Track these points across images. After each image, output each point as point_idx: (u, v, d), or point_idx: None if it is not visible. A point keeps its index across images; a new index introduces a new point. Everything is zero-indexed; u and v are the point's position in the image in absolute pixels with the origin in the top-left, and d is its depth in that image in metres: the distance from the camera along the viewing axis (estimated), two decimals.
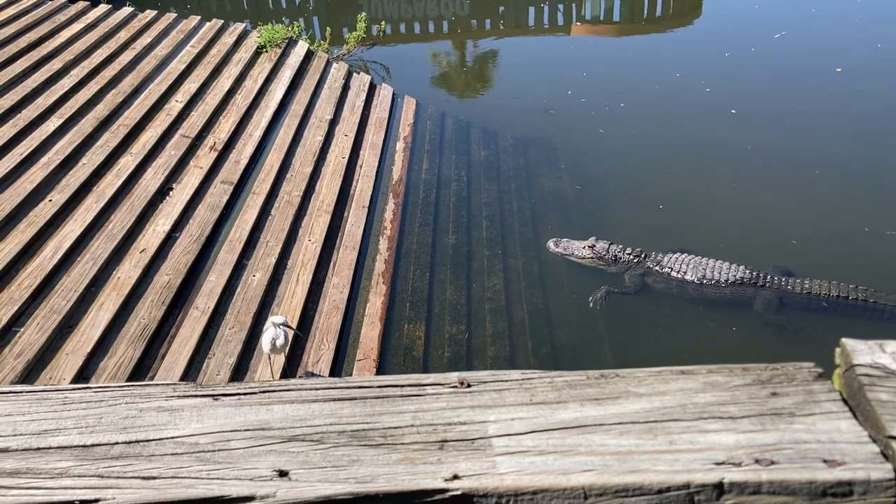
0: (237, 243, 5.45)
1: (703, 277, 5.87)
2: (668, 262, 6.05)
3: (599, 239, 6.26)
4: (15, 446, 0.98)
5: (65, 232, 5.24)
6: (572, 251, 6.21)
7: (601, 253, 6.17)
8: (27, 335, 4.37)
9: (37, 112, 6.52)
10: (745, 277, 5.80)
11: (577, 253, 6.20)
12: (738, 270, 5.85)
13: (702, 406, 1.00)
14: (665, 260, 6.07)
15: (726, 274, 5.84)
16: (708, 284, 5.84)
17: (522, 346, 5.17)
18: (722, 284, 5.81)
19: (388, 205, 6.54)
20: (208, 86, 7.60)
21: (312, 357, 4.70)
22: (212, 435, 0.99)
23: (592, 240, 6.25)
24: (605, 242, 6.24)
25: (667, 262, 6.05)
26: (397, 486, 0.90)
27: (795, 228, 6.44)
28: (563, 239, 6.31)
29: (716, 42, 10.88)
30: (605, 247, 6.20)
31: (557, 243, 6.27)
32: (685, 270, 5.95)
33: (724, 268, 5.88)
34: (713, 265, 5.91)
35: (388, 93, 8.45)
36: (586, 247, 6.20)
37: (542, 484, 0.89)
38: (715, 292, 5.82)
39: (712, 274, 5.86)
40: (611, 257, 6.16)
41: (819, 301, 5.63)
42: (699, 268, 5.91)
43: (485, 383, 1.07)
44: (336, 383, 1.09)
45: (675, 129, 8.18)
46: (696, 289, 5.87)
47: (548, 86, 9.37)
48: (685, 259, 6.01)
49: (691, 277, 5.90)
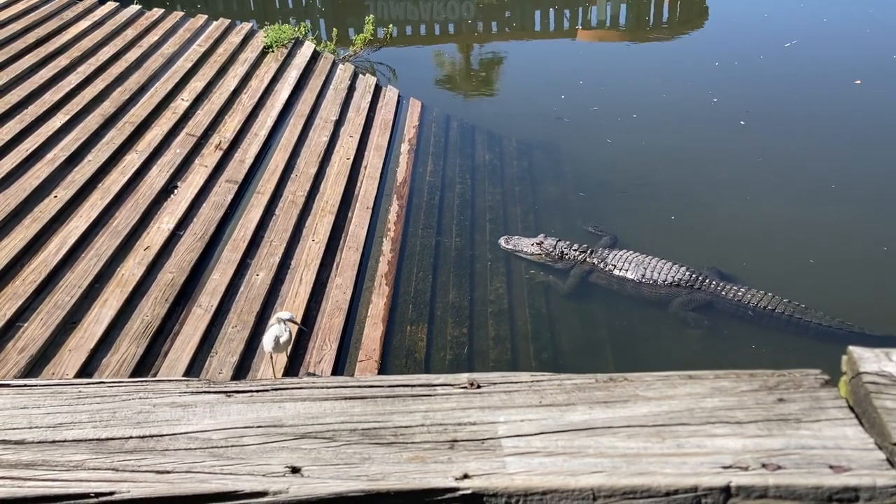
0: (241, 242, 5.47)
1: (643, 277, 5.96)
2: (611, 260, 6.14)
3: (548, 236, 6.37)
4: (31, 438, 0.99)
5: (69, 228, 5.26)
6: (521, 248, 6.29)
7: (548, 249, 6.26)
8: (31, 330, 4.38)
9: (43, 108, 6.55)
10: (683, 279, 5.89)
11: (525, 249, 6.28)
12: (677, 272, 5.92)
13: (709, 410, 1.01)
14: (609, 257, 6.16)
15: (665, 274, 5.92)
16: (646, 283, 5.93)
17: (524, 350, 5.18)
18: (658, 284, 5.90)
19: (392, 206, 6.55)
20: (214, 85, 7.62)
21: (315, 357, 4.71)
22: (225, 431, 1.00)
23: (541, 237, 6.35)
24: (553, 239, 6.34)
25: (610, 260, 6.14)
26: (408, 484, 0.91)
27: (812, 246, 6.34)
28: (513, 236, 6.41)
29: (723, 50, 10.83)
30: (553, 243, 6.29)
31: (508, 240, 6.36)
32: (627, 268, 6.04)
33: (664, 268, 5.96)
34: (654, 265, 5.99)
35: (393, 95, 8.47)
36: (534, 244, 6.29)
37: (551, 484, 0.90)
38: (651, 291, 5.91)
39: (651, 274, 5.95)
40: (557, 254, 6.25)
41: (746, 309, 5.68)
42: (640, 267, 6.01)
43: (494, 384, 1.08)
44: (347, 382, 1.10)
45: (682, 139, 8.13)
46: (634, 287, 5.97)
47: (552, 90, 9.38)
48: (629, 257, 6.10)
49: (632, 276, 6.00)
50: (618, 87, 9.55)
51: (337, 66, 8.75)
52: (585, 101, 9.09)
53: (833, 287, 5.87)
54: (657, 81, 9.62)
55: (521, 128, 8.19)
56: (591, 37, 12.23)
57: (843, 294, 5.77)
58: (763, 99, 9.00)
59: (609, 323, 5.65)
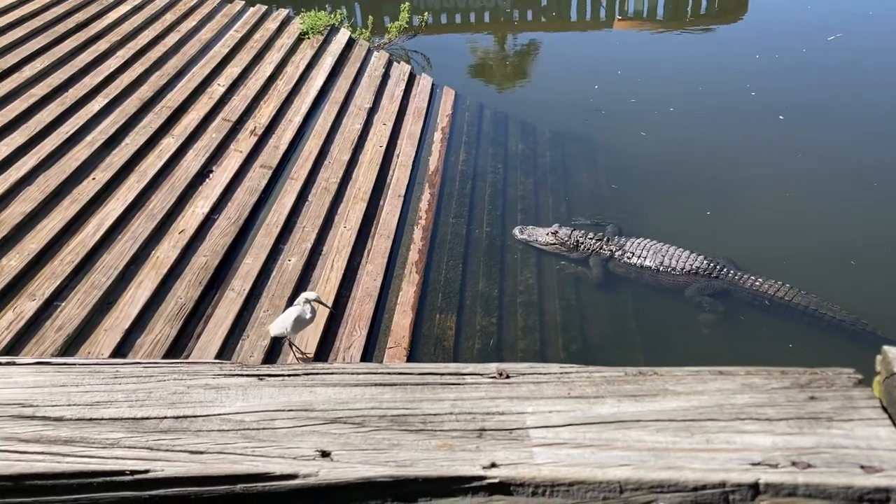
0: (274, 227, 5.52)
1: (661, 265, 5.96)
2: (629, 248, 6.13)
3: (563, 225, 6.35)
4: (69, 416, 1.02)
5: (107, 210, 5.35)
6: (536, 238, 6.27)
7: (563, 239, 6.23)
8: (68, 310, 4.47)
9: (83, 91, 6.65)
10: (701, 268, 5.90)
11: (540, 239, 6.25)
12: (695, 260, 5.93)
13: (739, 407, 1.00)
14: (627, 245, 6.15)
15: (683, 262, 5.93)
16: (664, 272, 5.93)
17: (553, 342, 5.17)
18: (677, 272, 5.91)
19: (424, 195, 6.56)
20: (250, 71, 7.68)
21: (344, 343, 4.75)
22: (257, 413, 1.02)
23: (556, 226, 6.33)
24: (568, 228, 6.32)
25: (628, 248, 6.13)
26: (436, 471, 0.92)
27: (852, 246, 6.21)
28: (527, 226, 6.38)
29: (763, 42, 10.61)
30: (568, 233, 6.27)
31: (522, 231, 6.34)
32: (645, 256, 6.04)
33: (682, 256, 5.96)
34: (672, 253, 6.00)
35: (427, 83, 8.46)
36: (549, 233, 6.26)
37: (578, 476, 0.91)
38: (669, 280, 5.92)
39: (670, 261, 5.95)
40: (572, 243, 6.22)
41: (763, 299, 5.69)
42: (658, 254, 6.01)
43: (523, 375, 1.09)
44: (377, 368, 1.12)
45: (719, 133, 7.99)
46: (652, 276, 5.97)
47: (587, 81, 9.30)
48: (646, 245, 6.10)
49: (650, 264, 6.00)
50: (654, 78, 9.44)
51: (372, 53, 8.77)
52: (621, 91, 9.00)
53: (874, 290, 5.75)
54: (694, 73, 9.50)
55: (554, 118, 8.14)
56: (628, 27, 12.09)
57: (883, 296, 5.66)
58: (804, 93, 8.82)
59: (638, 316, 5.62)
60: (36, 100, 6.35)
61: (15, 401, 1.04)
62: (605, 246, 6.18)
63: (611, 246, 6.17)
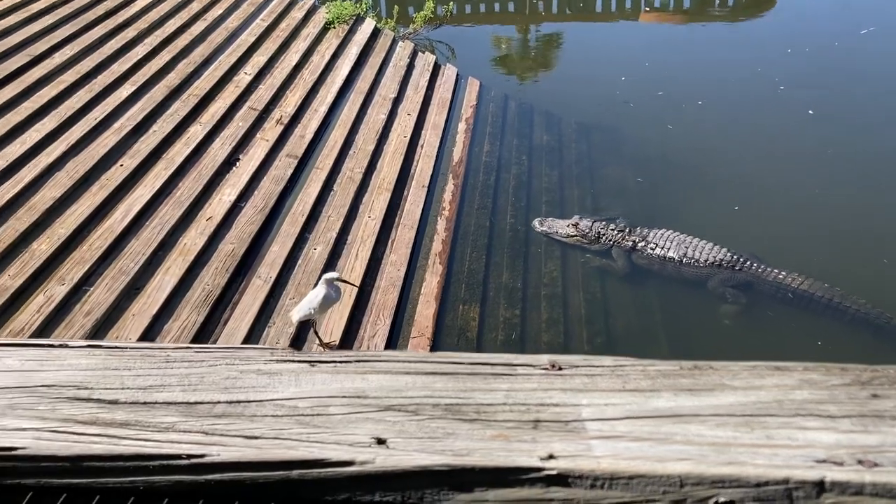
0: (300, 216, 5.53)
1: (685, 256, 5.94)
2: (652, 239, 6.10)
3: (583, 217, 6.31)
4: (124, 399, 1.02)
5: (135, 196, 5.38)
6: (556, 229, 6.22)
7: (584, 231, 6.19)
8: (96, 295, 4.51)
9: (111, 78, 6.69)
10: (725, 260, 5.88)
11: (560, 231, 6.21)
12: (719, 252, 5.91)
13: (798, 403, 0.99)
14: (650, 236, 6.13)
15: (707, 254, 5.91)
16: (687, 263, 5.91)
17: (577, 335, 5.15)
18: (701, 264, 5.88)
19: (448, 185, 6.55)
20: (276, 59, 7.69)
21: (369, 332, 4.76)
22: (310, 399, 1.02)
23: (576, 218, 6.29)
24: (589, 220, 6.28)
25: (651, 239, 6.11)
26: (493, 461, 0.91)
27: (884, 244, 6.10)
28: (547, 218, 6.34)
29: (793, 35, 10.45)
30: (589, 224, 6.23)
31: (542, 222, 6.29)
32: (668, 247, 6.01)
33: (706, 248, 5.94)
34: (696, 244, 5.97)
35: (452, 73, 8.44)
36: (570, 225, 6.22)
37: (638, 470, 0.90)
38: (693, 272, 5.90)
39: (693, 253, 5.93)
40: (594, 235, 6.18)
41: (786, 291, 5.67)
42: (682, 246, 5.98)
43: (576, 367, 1.08)
44: (429, 357, 1.11)
45: (747, 127, 7.89)
46: (675, 267, 5.95)
47: (613, 72, 9.23)
48: (670, 236, 6.07)
49: (673, 255, 5.97)
50: (682, 71, 9.35)
51: (397, 43, 8.75)
52: (648, 84, 8.91)
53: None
54: (722, 66, 9.38)
55: (580, 110, 8.08)
56: (654, 19, 11.98)
57: None
58: (835, 87, 8.68)
59: (664, 310, 5.58)
60: (65, 86, 6.40)
61: (70, 383, 1.04)
62: (628, 237, 6.16)
63: (633, 237, 6.15)
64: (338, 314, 4.68)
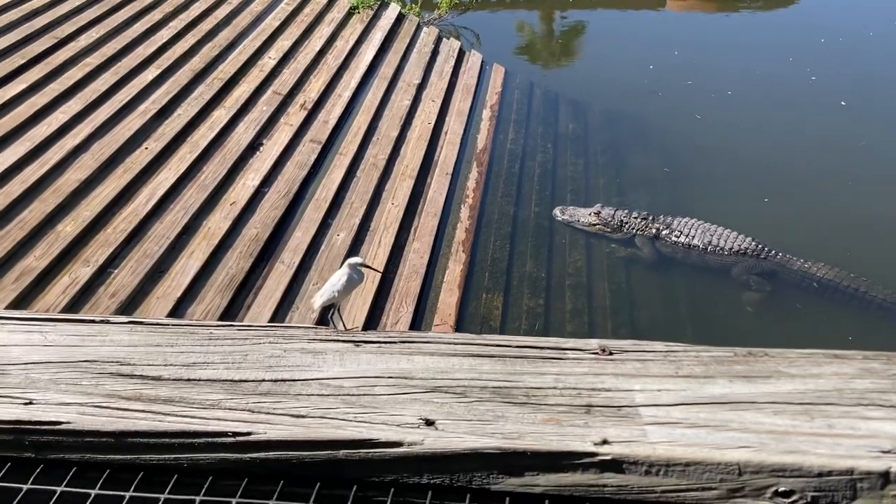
0: (323, 202, 5.52)
1: (709, 244, 5.93)
2: (676, 227, 6.08)
3: (605, 205, 6.26)
4: (167, 375, 1.01)
5: (159, 180, 5.39)
6: (578, 218, 6.19)
7: (607, 219, 6.15)
8: (121, 277, 4.53)
9: (136, 61, 6.70)
10: (749, 248, 5.88)
11: (582, 220, 6.17)
12: (743, 241, 5.91)
13: (860, 392, 0.96)
14: (674, 224, 6.11)
15: (731, 242, 5.91)
16: (712, 251, 5.90)
17: (602, 325, 5.11)
18: (725, 252, 5.88)
19: (472, 173, 6.51)
20: (300, 44, 7.68)
21: (391, 318, 4.74)
22: (356, 379, 1.00)
23: (598, 206, 6.25)
24: (611, 208, 6.24)
25: (675, 227, 6.09)
26: (545, 445, 0.89)
27: None
28: (568, 207, 6.30)
29: (826, 24, 10.24)
30: (611, 213, 6.19)
31: (564, 211, 6.25)
32: (693, 235, 6.00)
33: (730, 236, 5.94)
34: (721, 232, 5.97)
35: (476, 60, 8.39)
36: (592, 213, 6.18)
37: (695, 456, 0.87)
38: (717, 260, 5.90)
39: (718, 241, 5.92)
40: (616, 223, 6.14)
41: (811, 281, 5.65)
42: (707, 234, 5.98)
43: (627, 352, 1.05)
44: (474, 339, 1.09)
45: (777, 118, 7.77)
46: (699, 255, 5.94)
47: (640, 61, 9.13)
48: (694, 224, 6.06)
49: (698, 242, 5.96)
50: (712, 60, 9.22)
51: (421, 29, 8.71)
52: (677, 73, 8.80)
53: None
54: (753, 56, 9.24)
55: (606, 98, 8.00)
56: (682, 7, 11.83)
57: None
58: (869, 78, 8.51)
59: (690, 301, 5.53)
60: (91, 69, 6.42)
61: (113, 358, 1.03)
62: (651, 225, 6.11)
63: (656, 224, 6.11)
64: (361, 300, 4.66)
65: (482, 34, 10.32)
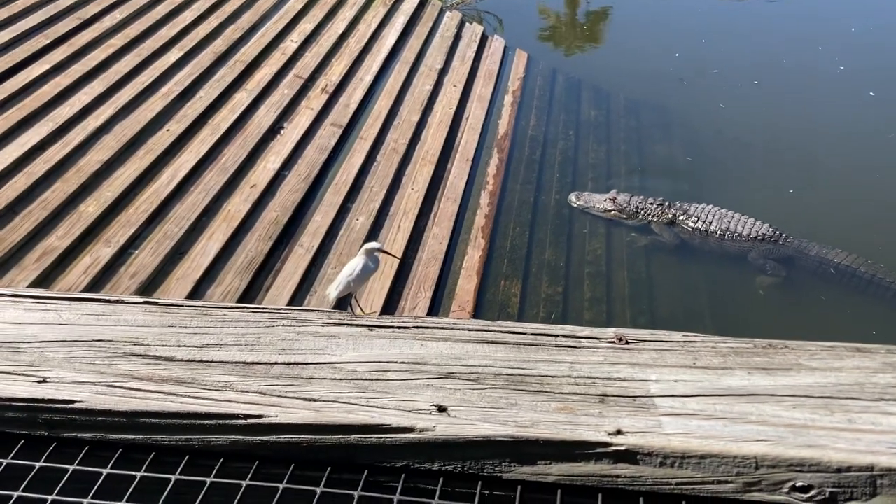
0: (343, 186, 5.52)
1: (727, 230, 5.91)
2: (694, 212, 6.06)
3: (620, 192, 6.21)
4: (180, 356, 1.01)
5: (180, 161, 5.41)
6: (594, 204, 6.14)
7: (623, 205, 6.12)
8: (141, 257, 4.56)
9: (159, 43, 6.72)
10: (767, 234, 5.85)
11: (598, 206, 6.13)
12: (761, 227, 5.89)
13: (882, 387, 0.94)
14: (692, 209, 6.08)
15: (749, 228, 5.89)
16: (730, 238, 5.89)
17: (620, 314, 5.08)
18: (743, 238, 5.87)
19: (493, 159, 6.48)
20: (323, 27, 7.66)
21: (409, 303, 4.74)
22: (369, 364, 0.99)
23: (614, 192, 6.20)
24: (627, 195, 6.20)
25: (693, 212, 6.06)
26: (559, 434, 0.88)
27: None
28: (584, 192, 6.25)
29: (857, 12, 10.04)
30: (627, 199, 6.15)
31: (579, 196, 6.21)
32: (710, 221, 5.99)
33: (748, 222, 5.92)
34: (738, 218, 5.95)
35: (499, 45, 8.33)
36: (607, 199, 6.14)
37: (711, 449, 0.86)
38: (735, 246, 5.88)
39: (736, 227, 5.91)
40: (632, 209, 6.11)
41: (828, 267, 5.63)
42: (724, 220, 5.96)
43: (644, 342, 1.04)
44: (489, 326, 1.08)
45: (804, 108, 7.66)
46: (716, 241, 5.93)
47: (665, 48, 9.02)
48: (711, 210, 6.04)
49: (715, 228, 5.95)
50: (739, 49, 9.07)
51: (444, 13, 8.65)
52: (702, 60, 8.68)
53: None
54: (780, 45, 9.09)
55: (630, 86, 7.91)
56: None
57: None
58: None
59: (710, 291, 5.48)
60: (114, 50, 6.44)
61: (126, 338, 1.03)
62: (667, 211, 6.06)
63: (672, 210, 6.06)
64: (379, 285, 4.67)
65: (505, 19, 10.23)
